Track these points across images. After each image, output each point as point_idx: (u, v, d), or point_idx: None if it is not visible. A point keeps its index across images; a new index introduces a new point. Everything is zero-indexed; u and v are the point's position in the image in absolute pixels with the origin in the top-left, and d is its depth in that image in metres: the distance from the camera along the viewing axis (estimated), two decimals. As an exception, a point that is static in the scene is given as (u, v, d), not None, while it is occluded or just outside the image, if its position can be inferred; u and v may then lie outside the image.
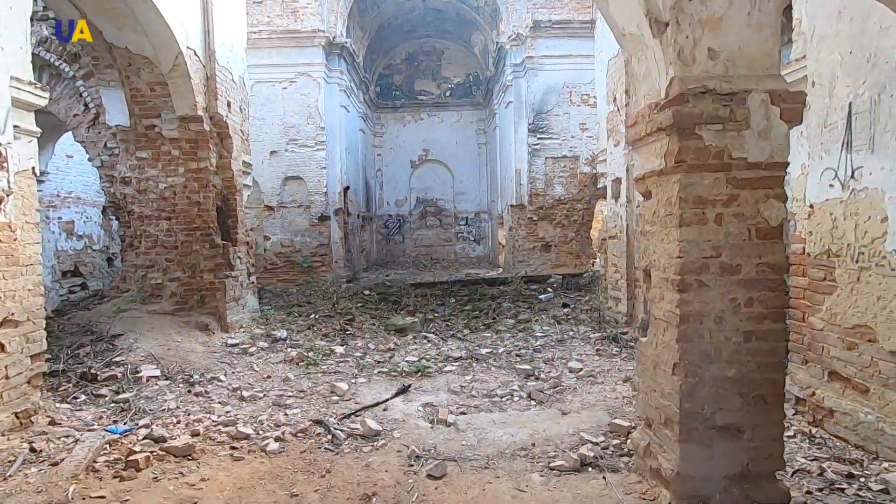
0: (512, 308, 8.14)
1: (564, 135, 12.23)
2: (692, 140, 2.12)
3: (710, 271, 2.15)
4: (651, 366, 2.43)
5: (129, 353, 5.19)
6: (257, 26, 11.77)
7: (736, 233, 2.15)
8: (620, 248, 6.67)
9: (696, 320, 2.16)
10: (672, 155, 2.15)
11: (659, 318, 2.33)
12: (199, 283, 6.34)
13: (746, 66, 2.14)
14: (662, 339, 2.30)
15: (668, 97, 2.15)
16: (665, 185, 2.25)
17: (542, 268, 12.24)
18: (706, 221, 2.14)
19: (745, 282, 2.15)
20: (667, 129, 2.15)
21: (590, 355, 5.45)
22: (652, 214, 2.37)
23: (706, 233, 2.15)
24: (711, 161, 2.13)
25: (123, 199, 6.49)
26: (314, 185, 11.88)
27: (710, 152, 2.13)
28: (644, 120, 2.30)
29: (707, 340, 2.17)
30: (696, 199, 2.15)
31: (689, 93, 2.11)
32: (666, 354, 2.27)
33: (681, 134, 2.12)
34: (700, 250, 2.15)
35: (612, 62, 6.91)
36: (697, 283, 2.15)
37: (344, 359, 5.48)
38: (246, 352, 5.68)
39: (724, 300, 2.16)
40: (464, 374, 4.88)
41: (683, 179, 2.14)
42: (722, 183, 2.14)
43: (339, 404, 4.07)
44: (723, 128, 2.12)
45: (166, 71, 5.79)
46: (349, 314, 7.67)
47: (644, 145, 2.40)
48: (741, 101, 2.11)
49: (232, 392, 4.38)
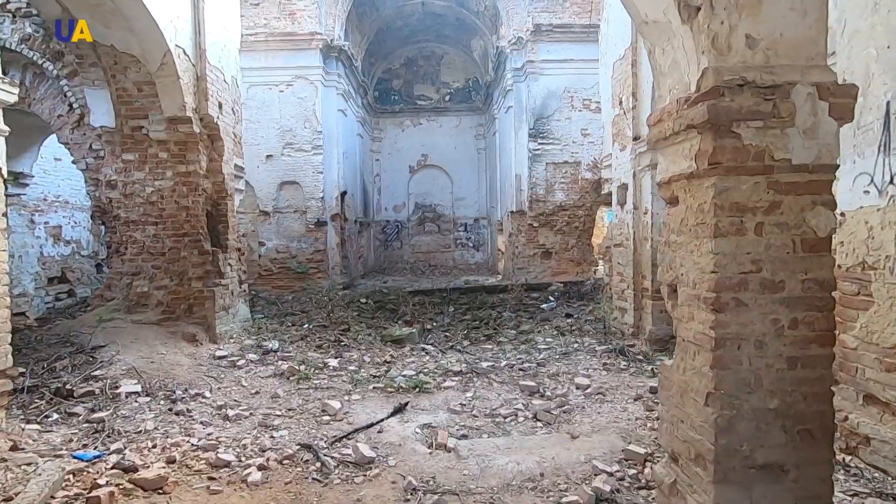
0: (513, 318, 7.87)
1: (566, 140, 12.03)
2: (729, 139, 1.87)
3: (748, 288, 1.89)
4: (678, 393, 2.16)
5: (109, 367, 4.89)
6: (254, 28, 11.58)
7: (778, 244, 1.89)
8: (627, 256, 6.41)
9: (734, 344, 1.90)
10: (705, 156, 1.89)
11: (688, 339, 2.06)
12: (187, 292, 6.05)
13: (789, 56, 1.89)
14: (692, 363, 2.03)
15: (700, 90, 1.90)
16: (696, 190, 1.99)
17: (543, 275, 12.00)
18: (744, 232, 1.88)
19: (789, 300, 1.89)
20: (699, 127, 1.90)
21: (597, 370, 5.18)
22: (679, 223, 2.10)
23: (744, 244, 1.89)
24: (751, 163, 1.87)
25: (109, 204, 6.21)
26: (310, 189, 11.64)
27: (749, 153, 1.87)
28: (671, 117, 2.04)
29: (746, 367, 1.90)
30: (732, 206, 1.88)
31: (725, 85, 1.85)
32: (697, 382, 2.00)
33: (716, 132, 1.86)
34: (737, 264, 1.89)
35: (617, 64, 6.69)
36: (734, 302, 1.89)
37: (337, 372, 5.19)
38: (234, 365, 5.38)
39: (764, 321, 1.89)
40: (464, 391, 4.59)
41: (718, 183, 1.88)
42: (762, 188, 1.88)
43: (330, 425, 3.78)
44: (764, 125, 1.86)
45: (154, 70, 5.54)
46: (344, 324, 7.38)
47: (669, 145, 2.14)
48: (785, 95, 1.85)
49: (216, 410, 4.09)
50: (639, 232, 6.22)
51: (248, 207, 12.01)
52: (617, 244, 6.82)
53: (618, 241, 6.77)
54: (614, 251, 6.93)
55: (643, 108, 6.05)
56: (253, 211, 11.99)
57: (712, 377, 1.91)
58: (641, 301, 6.19)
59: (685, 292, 2.08)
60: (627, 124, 6.34)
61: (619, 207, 6.73)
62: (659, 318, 5.88)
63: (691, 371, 2.04)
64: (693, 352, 2.03)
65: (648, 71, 5.88)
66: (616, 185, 6.77)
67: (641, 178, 6.12)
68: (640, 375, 4.96)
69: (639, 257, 6.21)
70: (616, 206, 6.82)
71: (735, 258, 1.89)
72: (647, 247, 6.01)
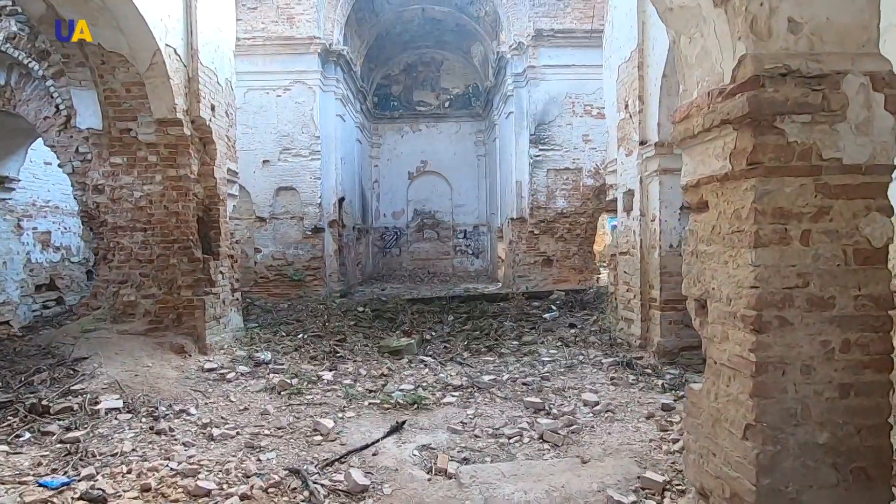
0: (515, 328, 7.62)
1: (567, 146, 11.87)
2: (771, 135, 1.64)
3: (794, 305, 1.66)
4: (708, 422, 1.91)
5: (90, 380, 4.63)
6: (251, 32, 11.44)
7: (828, 256, 1.66)
8: (633, 265, 6.19)
9: (777, 369, 1.66)
10: (743, 155, 1.66)
11: (721, 362, 1.83)
12: (176, 301, 5.79)
13: (837, 42, 1.67)
14: (726, 389, 1.80)
15: (737, 81, 1.68)
16: (731, 194, 1.76)
17: (544, 283, 11.78)
18: (789, 241, 1.65)
19: (840, 319, 1.66)
20: (735, 122, 1.67)
21: (604, 384, 4.92)
22: (710, 231, 1.87)
23: (789, 255, 1.66)
24: (796, 162, 1.65)
25: (96, 209, 5.97)
26: (308, 195, 11.44)
27: (793, 151, 1.65)
28: (700, 112, 1.82)
29: (791, 396, 1.66)
30: (775, 212, 1.66)
31: (766, 74, 1.63)
32: (733, 411, 1.76)
33: (756, 127, 1.64)
34: (781, 278, 1.66)
35: (622, 67, 6.51)
36: (778, 321, 1.66)
37: (331, 386, 4.93)
38: (224, 378, 5.12)
39: (812, 343, 1.66)
40: (465, 407, 4.34)
41: (759, 186, 1.66)
42: (809, 191, 1.66)
43: (321, 446, 3.53)
44: (811, 119, 1.64)
45: (143, 70, 5.32)
46: (340, 333, 7.13)
47: (697, 144, 1.91)
48: (834, 86, 1.64)
49: (200, 429, 3.82)
50: (646, 239, 6.00)
51: (244, 213, 11.78)
52: (623, 252, 6.60)
53: (624, 248, 6.55)
54: (620, 259, 6.71)
55: (650, 112, 5.86)
56: (249, 217, 11.77)
57: (752, 407, 1.67)
58: (649, 311, 5.96)
59: (718, 309, 1.85)
60: (633, 128, 6.14)
61: (624, 214, 6.51)
62: (668, 329, 5.65)
63: (725, 398, 1.80)
64: (728, 376, 1.79)
65: (655, 73, 5.69)
66: (622, 191, 6.56)
67: (649, 183, 5.91)
68: (651, 391, 4.72)
69: (646, 266, 5.99)
70: (622, 212, 6.60)
71: (778, 271, 1.66)
72: (654, 255, 5.79)
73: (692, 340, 5.59)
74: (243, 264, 11.78)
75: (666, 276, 5.66)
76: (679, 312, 5.67)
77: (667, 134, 5.66)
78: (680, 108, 1.96)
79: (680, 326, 5.65)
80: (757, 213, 1.65)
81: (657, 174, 5.70)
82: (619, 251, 6.70)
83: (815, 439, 1.66)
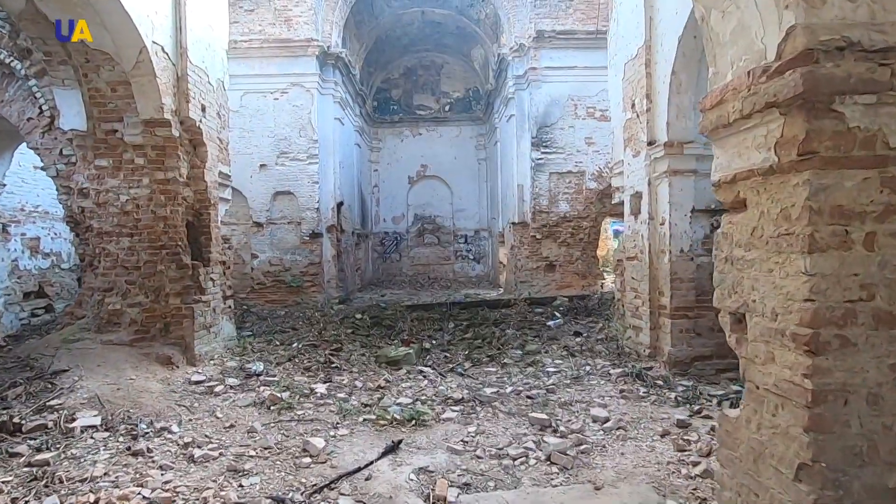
0: (518, 336, 7.35)
1: (569, 149, 11.65)
2: (828, 119, 1.39)
3: (857, 322, 1.39)
4: (748, 456, 1.64)
5: (69, 395, 4.37)
6: (248, 35, 11.28)
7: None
8: (642, 270, 5.92)
9: (838, 399, 1.40)
10: (793, 144, 1.41)
11: (766, 387, 1.56)
12: (164, 309, 5.54)
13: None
14: (773, 420, 1.53)
15: (784, 58, 1.42)
16: (777, 190, 1.50)
17: (547, 289, 11.52)
18: (851, 245, 1.39)
19: (912, 338, 1.40)
20: (783, 105, 1.42)
21: (613, 397, 4.65)
22: (749, 233, 1.61)
23: (851, 262, 1.40)
24: (858, 152, 1.39)
25: (81, 213, 5.74)
26: (306, 200, 11.23)
27: (854, 138, 1.40)
28: (737, 95, 1.56)
29: (855, 431, 1.40)
30: (833, 211, 1.40)
31: (822, 48, 1.38)
32: (781, 446, 1.49)
33: (809, 110, 1.39)
34: (842, 290, 1.40)
35: (629, 65, 6.27)
36: (839, 342, 1.39)
37: (325, 400, 4.66)
38: (211, 391, 4.86)
39: (880, 368, 1.39)
40: (466, 424, 4.06)
41: (814, 180, 1.40)
42: (874, 185, 1.40)
43: (310, 469, 3.25)
44: (877, 100, 1.39)
45: (128, 68, 5.10)
46: (337, 342, 6.86)
47: (733, 133, 1.66)
48: (902, 62, 1.38)
49: (181, 449, 3.55)
50: (655, 244, 5.73)
51: (241, 218, 11.56)
52: (630, 257, 6.33)
53: (631, 253, 6.28)
54: (627, 265, 6.43)
55: (658, 111, 5.62)
56: (246, 222, 11.55)
57: (808, 443, 1.40)
58: (658, 319, 5.68)
59: (760, 325, 1.58)
60: (641, 128, 5.90)
61: (632, 218, 6.25)
62: (679, 338, 5.37)
63: (771, 430, 1.54)
64: (774, 405, 1.52)
65: (664, 70, 5.45)
66: (629, 193, 6.30)
67: (658, 185, 5.65)
68: (663, 404, 4.44)
69: (655, 271, 5.72)
70: (629, 216, 6.34)
71: (838, 281, 1.39)
72: (664, 260, 5.52)
73: (704, 350, 5.31)
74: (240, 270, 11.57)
75: (676, 283, 5.39)
76: (690, 321, 5.40)
77: (677, 133, 5.41)
78: (711, 92, 1.71)
79: (691, 335, 5.38)
80: (811, 212, 1.39)
81: (666, 175, 5.44)
82: (627, 256, 6.43)
83: (884, 482, 1.40)
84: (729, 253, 1.73)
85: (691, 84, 5.24)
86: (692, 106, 5.40)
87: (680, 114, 5.33)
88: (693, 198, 5.40)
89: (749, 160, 1.60)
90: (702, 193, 5.42)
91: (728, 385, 4.87)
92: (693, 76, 5.15)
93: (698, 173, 5.42)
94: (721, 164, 1.75)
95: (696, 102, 5.37)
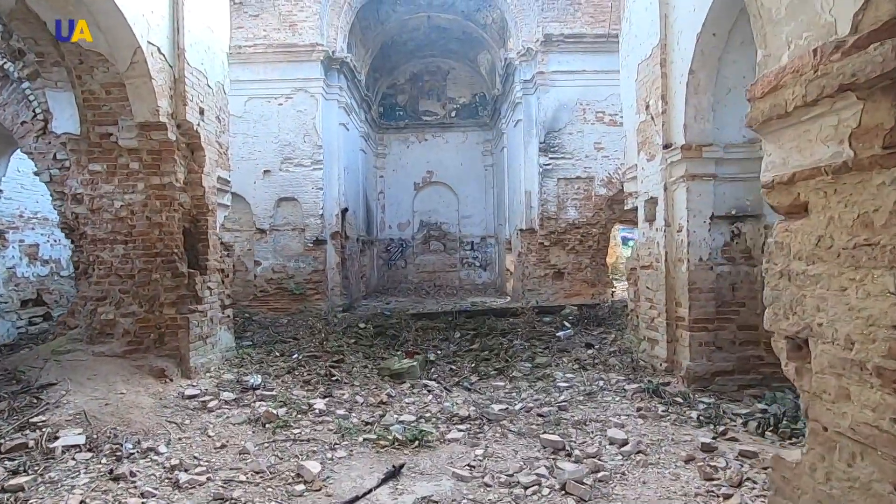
0: (526, 347, 7.06)
1: (578, 154, 11.40)
2: (921, 104, 1.12)
3: (961, 354, 1.12)
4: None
5: (54, 411, 4.14)
6: (253, 40, 11.18)
7: None
8: (657, 280, 5.63)
9: (938, 449, 1.12)
10: (876, 134, 1.14)
11: (839, 430, 1.28)
12: (158, 319, 5.32)
13: None
14: (849, 472, 1.25)
15: (862, 31, 1.16)
16: (852, 192, 1.24)
17: (555, 297, 11.23)
18: (951, 258, 1.13)
19: None
20: (863, 87, 1.16)
21: (630, 416, 4.35)
22: (814, 244, 1.35)
23: (951, 279, 1.13)
24: (958, 144, 1.13)
25: (75, 220, 5.55)
26: (310, 206, 11.04)
27: (953, 127, 1.13)
28: (800, 78, 1.30)
29: (961, 489, 1.12)
30: (929, 216, 1.13)
31: (911, 17, 1.12)
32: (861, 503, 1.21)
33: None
34: (941, 313, 1.12)
35: (642, 65, 6.03)
36: (938, 378, 1.12)
37: (323, 417, 4.41)
38: (205, 406, 4.61)
39: None
40: (473, 445, 3.79)
41: (903, 178, 1.13)
42: (980, 185, 1.13)
43: (303, 497, 3.00)
44: (983, 80, 1.12)
45: (123, 70, 4.92)
46: (338, 353, 6.61)
47: (791, 125, 1.40)
48: None
49: (167, 473, 3.31)
50: (671, 252, 5.44)
51: (244, 225, 11.40)
52: (644, 265, 6.04)
53: (646, 262, 5.99)
54: (641, 273, 6.14)
55: (675, 113, 5.35)
56: (249, 229, 11.39)
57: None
58: (676, 331, 5.38)
59: (830, 353, 1.31)
60: (656, 131, 5.63)
61: (646, 224, 5.97)
62: (698, 351, 5.07)
63: (846, 483, 1.26)
64: (851, 452, 1.25)
65: (681, 70, 5.20)
66: (643, 199, 6.03)
67: (674, 190, 5.38)
68: (684, 424, 4.14)
69: (672, 281, 5.43)
70: (643, 222, 6.06)
71: (936, 303, 1.12)
72: (682, 269, 5.23)
73: (726, 365, 5.01)
74: (243, 278, 11.38)
75: (695, 293, 5.10)
76: (710, 333, 5.10)
77: (694, 135, 5.15)
78: (763, 78, 1.45)
79: (712, 349, 5.07)
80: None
81: (684, 180, 5.17)
82: (641, 264, 6.15)
83: None
84: (785, 266, 1.47)
85: (710, 83, 4.98)
86: (710, 107, 5.14)
87: (698, 115, 5.06)
88: (712, 203, 5.12)
89: (813, 156, 1.34)
90: (721, 199, 5.14)
91: (753, 403, 4.57)
92: (712, 75, 4.89)
93: (718, 178, 5.14)
94: (774, 162, 1.49)
95: (715, 103, 5.11)
